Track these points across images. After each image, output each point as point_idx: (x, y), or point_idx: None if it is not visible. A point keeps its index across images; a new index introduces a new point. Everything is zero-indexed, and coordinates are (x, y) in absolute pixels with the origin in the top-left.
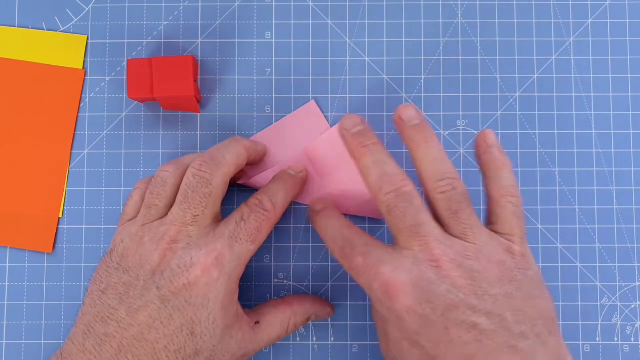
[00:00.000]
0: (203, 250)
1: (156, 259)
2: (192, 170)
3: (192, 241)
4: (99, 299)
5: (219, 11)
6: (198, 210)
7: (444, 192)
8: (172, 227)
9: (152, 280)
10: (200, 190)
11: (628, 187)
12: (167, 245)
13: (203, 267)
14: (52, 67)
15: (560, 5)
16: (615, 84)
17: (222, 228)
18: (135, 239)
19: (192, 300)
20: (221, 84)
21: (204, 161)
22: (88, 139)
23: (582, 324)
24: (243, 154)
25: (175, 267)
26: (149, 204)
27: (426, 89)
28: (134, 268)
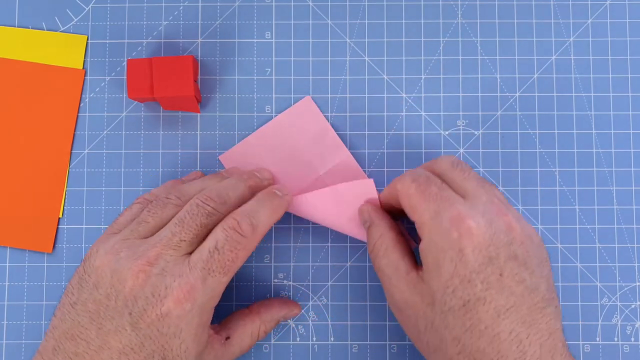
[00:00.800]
0: (177, 281)
1: (129, 281)
2: (196, 201)
3: (168, 267)
4: (69, 313)
5: (219, 11)
6: (188, 237)
7: (463, 170)
8: (153, 248)
9: (125, 305)
10: (198, 219)
11: (628, 187)
12: (141, 267)
13: (176, 299)
14: (52, 67)
15: (560, 5)
16: (615, 84)
17: (196, 257)
18: (112, 252)
19: (164, 330)
20: (221, 84)
21: (210, 197)
22: (88, 139)
23: (582, 324)
24: (247, 196)
25: (149, 295)
26: (140, 220)
27: (426, 89)
28: (104, 285)
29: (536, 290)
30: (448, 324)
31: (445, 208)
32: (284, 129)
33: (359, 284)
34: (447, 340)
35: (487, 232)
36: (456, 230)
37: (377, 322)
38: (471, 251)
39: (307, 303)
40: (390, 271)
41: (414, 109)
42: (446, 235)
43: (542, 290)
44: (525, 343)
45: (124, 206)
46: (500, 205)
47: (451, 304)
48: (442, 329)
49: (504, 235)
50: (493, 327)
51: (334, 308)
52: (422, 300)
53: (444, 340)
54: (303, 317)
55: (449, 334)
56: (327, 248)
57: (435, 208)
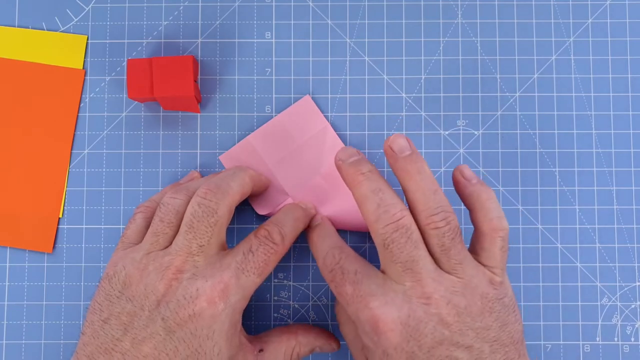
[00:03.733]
0: (209, 281)
1: (161, 289)
2: (197, 199)
3: (198, 271)
4: (101, 328)
5: (219, 11)
6: (204, 240)
7: (437, 228)
8: (177, 256)
9: (157, 311)
10: (205, 219)
11: (628, 187)
12: (172, 275)
13: (209, 298)
14: (52, 67)
15: (560, 5)
16: (615, 84)
17: (229, 259)
18: (139, 267)
19: (197, 332)
20: (221, 84)
21: (209, 189)
22: (88, 139)
23: (582, 324)
24: (248, 182)
25: (181, 298)
26: (157, 231)
27: (426, 89)
28: (138, 297)
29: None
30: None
31: (361, 310)
32: (283, 129)
33: None
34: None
35: (404, 330)
36: (375, 334)
37: None
38: (393, 351)
39: (307, 303)
40: (349, 339)
41: (414, 109)
42: (370, 339)
43: (486, 356)
44: None
45: (124, 206)
46: (424, 288)
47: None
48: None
49: (424, 324)
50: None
51: (334, 308)
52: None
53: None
54: (303, 317)
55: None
56: None
57: (353, 311)
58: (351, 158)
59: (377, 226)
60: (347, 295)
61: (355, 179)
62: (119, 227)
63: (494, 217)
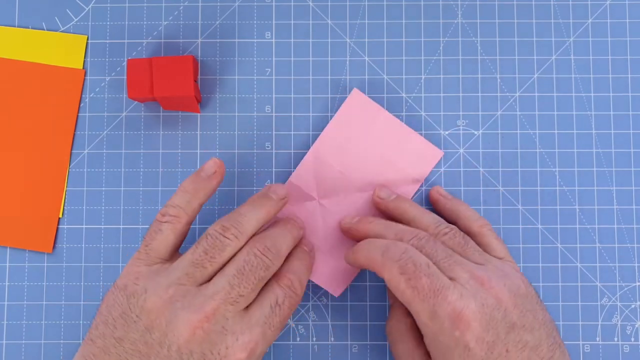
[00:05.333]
0: (239, 340)
1: (185, 334)
2: (255, 251)
3: (228, 325)
4: (114, 347)
5: (219, 11)
6: (246, 291)
7: (446, 234)
8: (211, 301)
9: (179, 356)
10: (258, 272)
11: (628, 187)
12: (199, 324)
13: (238, 358)
14: (52, 67)
15: (560, 5)
16: (615, 84)
17: (257, 313)
18: (164, 297)
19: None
20: (221, 84)
21: (268, 248)
22: (88, 139)
23: (582, 324)
24: (292, 246)
25: (208, 352)
26: (197, 263)
27: (426, 89)
28: (157, 332)
29: (539, 344)
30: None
31: (439, 304)
32: (343, 129)
33: (359, 284)
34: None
35: (483, 319)
36: (457, 329)
37: (377, 322)
38: (475, 344)
39: (307, 303)
40: (405, 357)
41: (414, 109)
42: (449, 335)
43: (545, 340)
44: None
45: (124, 206)
46: (482, 276)
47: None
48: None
49: (497, 311)
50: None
51: (334, 308)
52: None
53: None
54: (303, 317)
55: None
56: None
57: (430, 308)
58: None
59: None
60: (423, 289)
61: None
62: (119, 227)
63: (476, 218)
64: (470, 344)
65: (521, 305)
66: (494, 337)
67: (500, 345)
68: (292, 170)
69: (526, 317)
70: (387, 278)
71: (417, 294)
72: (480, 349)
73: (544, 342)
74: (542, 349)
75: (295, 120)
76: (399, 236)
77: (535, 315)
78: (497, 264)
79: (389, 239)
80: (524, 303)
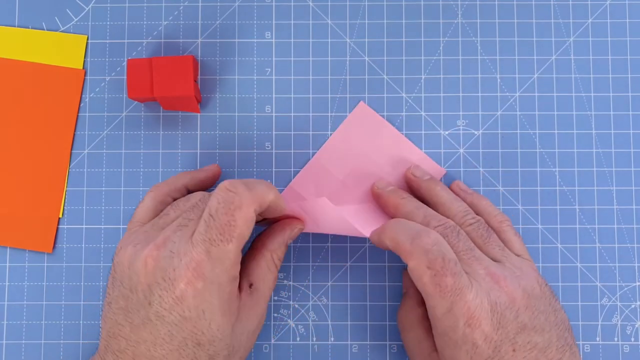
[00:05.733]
0: (183, 260)
1: (142, 269)
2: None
3: (175, 247)
4: (108, 312)
5: (219, 11)
6: (195, 215)
7: (471, 224)
8: (163, 233)
9: (144, 296)
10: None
11: (628, 187)
12: (149, 252)
13: (186, 280)
14: (52, 67)
15: (560, 5)
16: (615, 84)
17: (196, 232)
18: (131, 245)
19: (186, 314)
20: (221, 84)
21: (231, 182)
22: (88, 139)
23: (582, 324)
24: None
25: (161, 280)
26: (162, 214)
27: (426, 89)
28: (126, 279)
29: (549, 346)
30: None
31: (457, 303)
32: (346, 140)
33: (359, 284)
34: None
35: (494, 318)
36: (468, 326)
37: (377, 322)
38: (483, 342)
39: (307, 303)
40: (415, 346)
41: (414, 109)
42: (460, 332)
43: (555, 342)
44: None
45: (124, 206)
46: (498, 274)
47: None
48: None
49: (509, 311)
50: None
51: (334, 308)
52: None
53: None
54: (303, 317)
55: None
56: (327, 248)
57: (448, 305)
58: (388, 187)
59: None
60: (446, 287)
61: (398, 202)
62: (119, 227)
63: (497, 213)
64: (478, 341)
65: (534, 307)
66: (503, 337)
67: (508, 344)
68: (292, 170)
69: (538, 319)
70: (411, 266)
71: (439, 291)
72: (488, 347)
73: (554, 344)
74: (551, 351)
75: (295, 120)
76: (427, 219)
77: (547, 317)
78: (515, 262)
79: (416, 221)
80: (537, 304)
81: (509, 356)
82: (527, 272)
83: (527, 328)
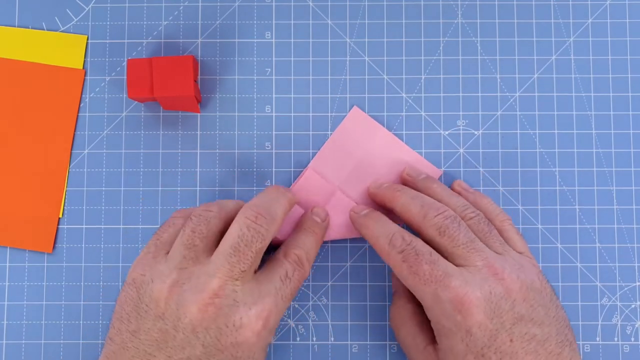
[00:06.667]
0: (253, 310)
1: (196, 313)
2: (247, 222)
3: (239, 297)
4: (131, 342)
5: (219, 11)
6: (246, 265)
7: (471, 218)
8: (215, 279)
9: (195, 336)
10: (254, 245)
11: (628, 187)
12: (209, 300)
13: (254, 329)
14: (52, 67)
15: (560, 5)
16: (615, 84)
17: (268, 285)
18: (169, 283)
19: (239, 354)
20: (221, 84)
21: (260, 214)
22: (88, 139)
23: (582, 324)
24: (288, 209)
25: (223, 326)
26: (188, 243)
27: (426, 89)
28: (169, 317)
29: (548, 339)
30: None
31: (442, 289)
32: (341, 146)
33: (359, 284)
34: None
35: (487, 307)
36: (459, 313)
37: (377, 322)
38: (477, 329)
39: (307, 303)
40: (409, 342)
41: (414, 109)
42: (451, 319)
43: (554, 336)
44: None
45: (124, 206)
46: (496, 265)
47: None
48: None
49: (505, 301)
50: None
51: (334, 308)
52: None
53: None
54: (303, 317)
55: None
56: (327, 248)
57: (432, 291)
58: (383, 185)
59: (427, 220)
60: (424, 274)
61: (393, 195)
62: (119, 227)
63: (498, 212)
64: (472, 329)
65: (532, 300)
66: (498, 326)
67: (504, 334)
68: (292, 170)
69: (536, 311)
70: (391, 265)
71: (418, 279)
72: (483, 335)
73: (553, 338)
74: (550, 344)
75: (295, 120)
76: (424, 210)
77: (547, 311)
78: (515, 257)
79: (413, 211)
80: (535, 297)
81: (506, 346)
82: (527, 266)
83: (524, 319)
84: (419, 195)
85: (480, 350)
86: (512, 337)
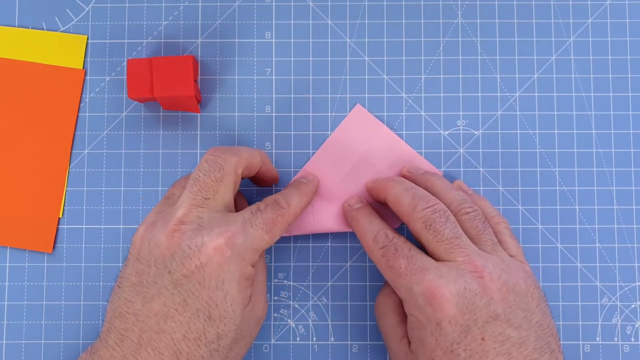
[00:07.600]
0: (215, 230)
1: (164, 240)
2: (206, 156)
3: (203, 222)
4: (116, 294)
5: (219, 11)
6: (209, 194)
7: (467, 213)
8: (180, 209)
9: (164, 265)
10: (212, 174)
11: (628, 187)
12: (174, 227)
13: (215, 245)
14: (52, 67)
15: (560, 5)
16: (615, 84)
17: (236, 215)
18: (149, 226)
19: (206, 282)
20: (221, 84)
21: (219, 148)
22: (88, 139)
23: (582, 324)
24: (256, 155)
25: (186, 248)
26: (168, 195)
27: (426, 89)
28: (145, 255)
29: (525, 343)
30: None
31: (415, 282)
32: (343, 143)
33: (359, 284)
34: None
35: (460, 302)
36: (429, 305)
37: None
38: (448, 323)
39: (307, 303)
40: (389, 332)
41: (414, 109)
42: (423, 311)
43: (532, 341)
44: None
45: (124, 206)
46: (477, 263)
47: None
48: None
49: (480, 298)
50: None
51: (334, 308)
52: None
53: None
54: (303, 317)
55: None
56: (327, 248)
57: (407, 284)
58: (379, 178)
59: (415, 213)
60: (400, 268)
61: (387, 185)
62: (119, 227)
63: (494, 215)
64: (442, 322)
65: (512, 301)
66: (470, 322)
67: (476, 331)
68: (292, 170)
69: (514, 313)
70: (373, 260)
71: (394, 273)
72: (453, 330)
73: (531, 343)
74: (527, 349)
75: (295, 120)
76: (414, 201)
77: (527, 315)
78: (504, 258)
79: (405, 203)
80: (516, 300)
81: (476, 344)
82: (514, 269)
83: (499, 319)
84: (413, 187)
85: (450, 345)
86: (484, 335)
